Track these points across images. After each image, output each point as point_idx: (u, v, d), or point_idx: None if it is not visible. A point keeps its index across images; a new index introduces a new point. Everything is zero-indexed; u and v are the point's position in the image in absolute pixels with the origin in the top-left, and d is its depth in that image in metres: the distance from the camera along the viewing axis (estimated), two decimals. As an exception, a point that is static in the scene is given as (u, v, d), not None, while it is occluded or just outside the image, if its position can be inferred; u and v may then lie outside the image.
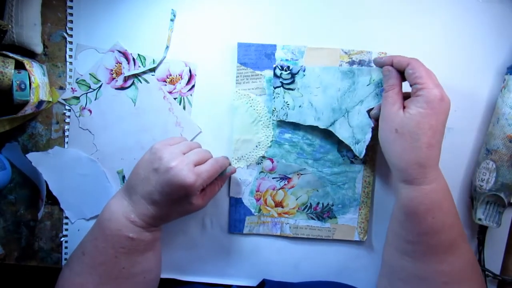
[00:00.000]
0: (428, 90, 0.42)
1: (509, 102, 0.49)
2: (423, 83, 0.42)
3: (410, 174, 0.43)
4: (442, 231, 0.43)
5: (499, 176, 0.49)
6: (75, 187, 0.55)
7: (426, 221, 0.42)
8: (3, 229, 0.56)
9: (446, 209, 0.44)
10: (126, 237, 0.45)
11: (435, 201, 0.43)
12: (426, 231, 0.43)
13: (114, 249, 0.45)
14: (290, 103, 0.52)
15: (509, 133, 0.49)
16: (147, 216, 0.46)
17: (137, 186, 0.46)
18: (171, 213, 0.47)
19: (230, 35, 0.53)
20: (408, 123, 0.42)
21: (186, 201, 0.45)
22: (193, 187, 0.44)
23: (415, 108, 0.42)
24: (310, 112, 0.52)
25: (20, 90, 0.47)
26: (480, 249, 0.53)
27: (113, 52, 0.53)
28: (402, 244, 0.45)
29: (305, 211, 0.55)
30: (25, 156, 0.53)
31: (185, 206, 0.46)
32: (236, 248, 0.57)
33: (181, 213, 0.48)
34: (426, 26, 0.52)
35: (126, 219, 0.45)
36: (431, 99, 0.41)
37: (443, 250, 0.43)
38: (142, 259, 0.47)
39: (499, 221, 0.50)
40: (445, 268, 0.43)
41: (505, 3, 0.52)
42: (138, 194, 0.46)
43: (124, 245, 0.45)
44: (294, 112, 0.52)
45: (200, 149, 0.49)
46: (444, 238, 0.43)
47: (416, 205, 0.42)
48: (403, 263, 0.45)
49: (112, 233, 0.45)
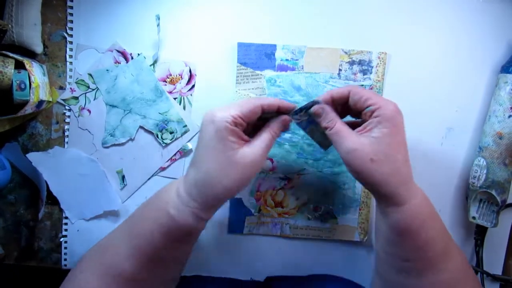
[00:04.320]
0: (384, 107, 0.40)
1: (500, 100, 0.49)
2: (375, 103, 0.40)
3: (398, 196, 0.40)
4: (437, 240, 0.42)
5: (490, 173, 0.49)
6: (75, 187, 0.55)
7: (421, 236, 0.41)
8: (3, 229, 0.56)
9: (435, 217, 0.43)
10: (167, 212, 0.41)
11: (424, 214, 0.41)
12: (422, 245, 0.41)
13: (153, 223, 0.41)
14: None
15: (499, 130, 0.49)
16: (191, 184, 0.40)
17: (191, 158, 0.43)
18: (211, 168, 0.39)
19: (230, 35, 0.53)
20: (380, 149, 0.39)
21: (223, 145, 0.39)
22: (217, 116, 0.39)
23: (379, 130, 0.40)
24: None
25: (20, 90, 0.47)
26: (477, 249, 0.53)
27: (111, 51, 0.53)
28: (398, 262, 0.43)
29: (305, 211, 0.55)
30: (25, 156, 0.53)
31: (226, 154, 0.39)
32: (236, 249, 0.57)
33: (225, 169, 0.39)
34: (426, 26, 0.52)
35: (175, 192, 0.42)
36: (390, 116, 0.40)
37: (440, 260, 0.42)
38: (175, 247, 0.42)
39: (494, 220, 0.50)
40: (443, 276, 0.42)
41: (505, 3, 0.52)
42: (189, 165, 0.42)
43: (162, 223, 0.41)
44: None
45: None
46: (439, 247, 0.42)
47: (409, 223, 0.40)
48: (400, 279, 0.44)
49: (158, 204, 0.42)
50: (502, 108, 0.49)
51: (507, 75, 0.49)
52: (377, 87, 0.53)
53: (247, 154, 0.40)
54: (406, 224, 0.40)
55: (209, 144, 0.39)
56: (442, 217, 0.55)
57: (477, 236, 0.53)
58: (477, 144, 0.53)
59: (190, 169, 0.42)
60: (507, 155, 0.49)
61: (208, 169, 0.40)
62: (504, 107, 0.49)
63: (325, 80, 0.53)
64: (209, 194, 0.40)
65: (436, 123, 0.54)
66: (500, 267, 0.56)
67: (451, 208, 0.55)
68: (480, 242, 0.53)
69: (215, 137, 0.39)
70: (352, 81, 0.53)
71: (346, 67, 0.52)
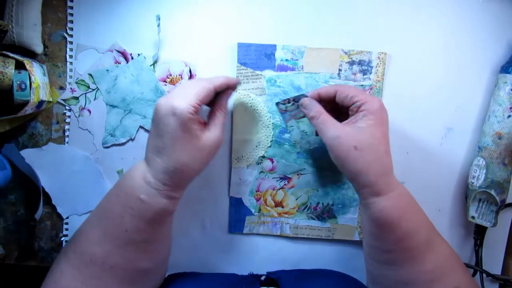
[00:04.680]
0: (369, 103, 0.43)
1: (499, 100, 0.50)
2: (361, 99, 0.43)
3: (379, 185, 0.42)
4: (418, 231, 0.43)
5: (489, 173, 0.50)
6: (68, 183, 0.55)
7: (401, 227, 0.42)
8: (3, 229, 0.56)
9: (415, 209, 0.44)
10: (137, 197, 0.42)
11: (404, 205, 0.43)
12: (403, 236, 0.42)
13: (122, 208, 0.43)
14: (307, 130, 0.53)
15: (498, 130, 0.49)
16: (160, 172, 0.42)
17: (148, 145, 0.44)
18: (181, 158, 0.42)
19: (230, 35, 0.53)
20: (364, 138, 0.42)
21: (189, 134, 0.42)
22: (178, 108, 0.41)
23: (364, 121, 0.43)
24: None
25: (21, 90, 0.47)
26: (476, 249, 0.53)
27: (111, 51, 0.53)
28: (380, 254, 0.45)
29: (305, 211, 0.55)
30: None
31: (192, 143, 0.42)
32: (236, 248, 0.57)
33: (194, 155, 0.43)
34: (426, 26, 0.52)
35: (142, 179, 0.43)
36: (375, 110, 0.43)
37: (422, 251, 0.43)
38: (147, 228, 0.43)
39: (493, 220, 0.50)
40: (427, 267, 0.43)
41: (505, 3, 0.52)
42: (150, 152, 0.44)
43: (132, 206, 0.42)
44: (314, 136, 0.53)
45: (194, 80, 0.46)
46: (420, 238, 0.43)
47: (388, 214, 0.42)
48: (385, 272, 0.45)
49: (126, 190, 0.43)
50: (501, 108, 0.49)
51: (507, 75, 0.49)
52: (377, 87, 0.53)
53: (210, 138, 0.44)
54: (385, 215, 0.42)
55: (174, 135, 0.42)
56: (442, 217, 0.55)
57: (477, 235, 0.53)
58: (477, 144, 0.53)
59: (155, 157, 0.43)
60: (506, 155, 0.49)
61: (178, 158, 0.42)
62: (503, 107, 0.49)
63: (325, 80, 0.53)
64: (181, 178, 0.43)
65: (435, 123, 0.54)
66: (500, 266, 0.56)
67: (450, 207, 0.55)
68: (479, 241, 0.53)
69: (180, 128, 0.41)
70: (352, 81, 0.53)
71: (346, 67, 0.52)
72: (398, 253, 0.43)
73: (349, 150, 0.42)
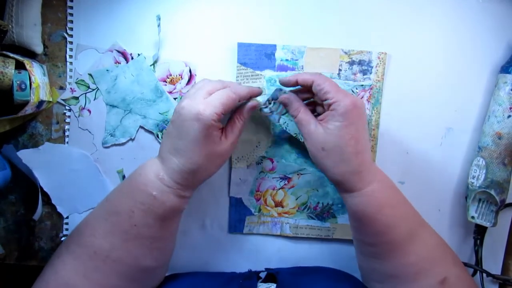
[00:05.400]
0: (339, 102, 0.43)
1: (499, 100, 0.50)
2: (332, 97, 0.43)
3: (347, 183, 0.44)
4: (396, 224, 0.44)
5: (489, 173, 0.50)
6: (67, 182, 0.55)
7: (377, 221, 0.43)
8: (3, 229, 0.56)
9: (394, 203, 0.45)
10: (149, 194, 0.43)
11: (379, 199, 0.44)
12: (380, 229, 0.44)
13: (133, 203, 0.43)
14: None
15: (498, 130, 0.49)
16: (175, 171, 0.43)
17: (164, 144, 0.45)
18: (199, 161, 0.43)
19: (230, 35, 0.53)
20: (331, 140, 0.43)
21: (209, 139, 0.43)
22: (203, 115, 0.41)
23: (332, 123, 0.43)
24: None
25: (21, 90, 0.47)
26: (476, 249, 0.53)
27: (111, 51, 0.53)
28: (365, 248, 0.47)
29: (305, 210, 0.55)
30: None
31: (211, 147, 0.43)
32: (236, 248, 0.57)
33: (210, 159, 0.44)
34: (426, 26, 0.52)
35: (155, 176, 0.44)
36: (344, 110, 0.43)
37: (403, 243, 0.44)
38: (156, 224, 0.44)
39: (493, 220, 0.50)
40: (411, 259, 0.44)
41: (505, 3, 0.52)
42: (166, 151, 0.44)
43: (144, 202, 0.43)
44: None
45: (219, 82, 0.46)
46: (400, 230, 0.44)
47: (363, 208, 0.44)
48: (372, 265, 0.47)
49: (138, 186, 0.44)
50: (501, 108, 0.49)
51: (507, 75, 0.49)
52: (377, 87, 0.53)
53: (227, 144, 0.45)
54: (360, 209, 0.44)
55: (195, 139, 0.42)
56: (442, 217, 0.56)
57: (476, 235, 0.53)
58: (476, 144, 0.53)
59: (171, 156, 0.44)
60: (506, 155, 0.49)
61: (196, 160, 0.43)
62: (503, 107, 0.49)
63: (325, 80, 0.53)
64: (195, 179, 0.45)
65: (435, 123, 0.54)
66: (500, 266, 0.56)
67: (450, 207, 0.55)
68: (479, 241, 0.53)
69: (202, 134, 0.42)
70: (352, 81, 0.53)
71: (346, 67, 0.52)
72: (380, 246, 0.45)
73: (318, 151, 0.45)
